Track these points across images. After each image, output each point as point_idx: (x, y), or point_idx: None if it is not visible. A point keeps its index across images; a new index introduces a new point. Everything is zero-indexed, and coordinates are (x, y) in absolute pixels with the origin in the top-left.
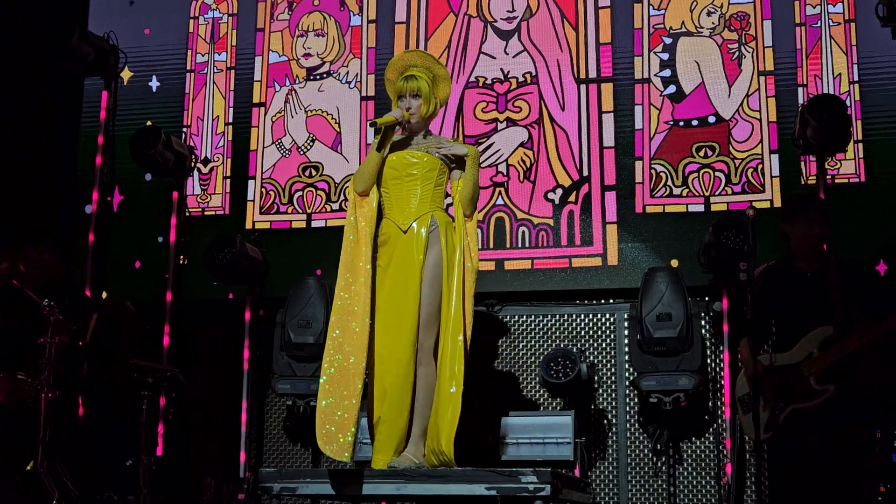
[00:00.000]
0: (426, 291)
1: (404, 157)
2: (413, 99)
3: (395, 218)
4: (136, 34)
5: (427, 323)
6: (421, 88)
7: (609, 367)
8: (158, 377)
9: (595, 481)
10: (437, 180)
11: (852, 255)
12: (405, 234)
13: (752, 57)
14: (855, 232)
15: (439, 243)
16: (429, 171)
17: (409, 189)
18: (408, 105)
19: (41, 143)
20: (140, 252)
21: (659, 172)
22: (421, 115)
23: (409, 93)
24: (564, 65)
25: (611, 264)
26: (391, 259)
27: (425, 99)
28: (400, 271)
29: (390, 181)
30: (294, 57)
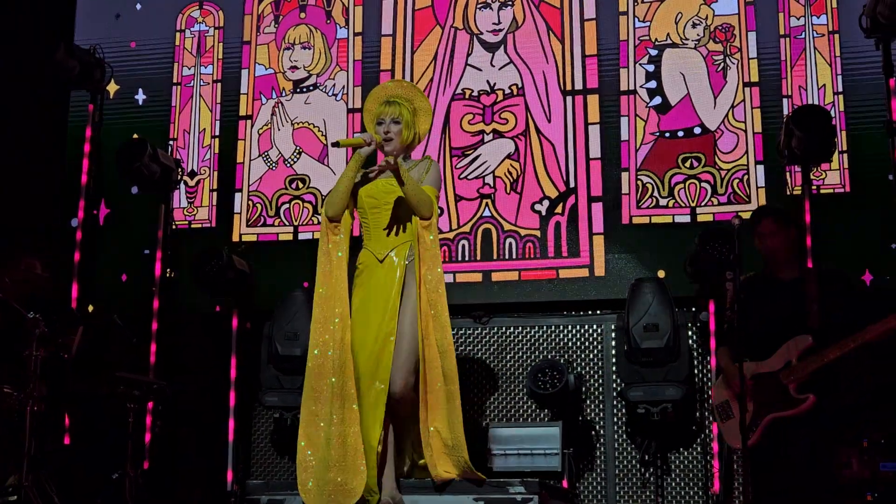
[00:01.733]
0: (406, 328)
1: (383, 186)
2: (393, 124)
3: (373, 248)
4: (122, 47)
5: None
6: (402, 115)
7: (596, 378)
8: (145, 390)
9: (583, 492)
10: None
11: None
12: (382, 264)
13: (736, 68)
14: (840, 242)
15: (415, 277)
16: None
17: (387, 218)
18: (386, 129)
19: (26, 157)
20: (126, 265)
21: (645, 183)
22: (401, 141)
23: (390, 117)
24: (550, 76)
25: (598, 275)
26: (368, 291)
27: (406, 125)
28: (377, 304)
29: (369, 210)
30: (280, 69)
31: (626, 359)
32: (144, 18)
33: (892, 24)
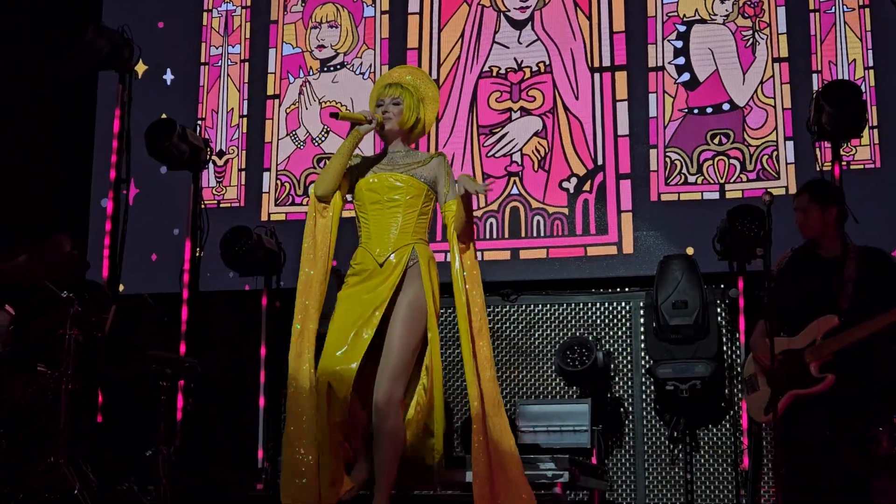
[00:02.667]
0: (400, 333)
1: (386, 179)
2: (392, 105)
3: (372, 248)
4: (150, 28)
5: (398, 371)
6: (403, 97)
7: (625, 356)
8: (176, 368)
9: (612, 469)
10: (422, 208)
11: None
12: (381, 268)
13: (766, 44)
14: (870, 218)
15: (419, 280)
16: (413, 198)
17: (389, 216)
18: (385, 109)
19: (58, 138)
20: (156, 245)
21: (674, 160)
22: (399, 123)
23: (390, 98)
24: (578, 54)
25: (626, 253)
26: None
27: (407, 107)
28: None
29: (369, 206)
30: (308, 48)
31: (654, 336)
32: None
33: None
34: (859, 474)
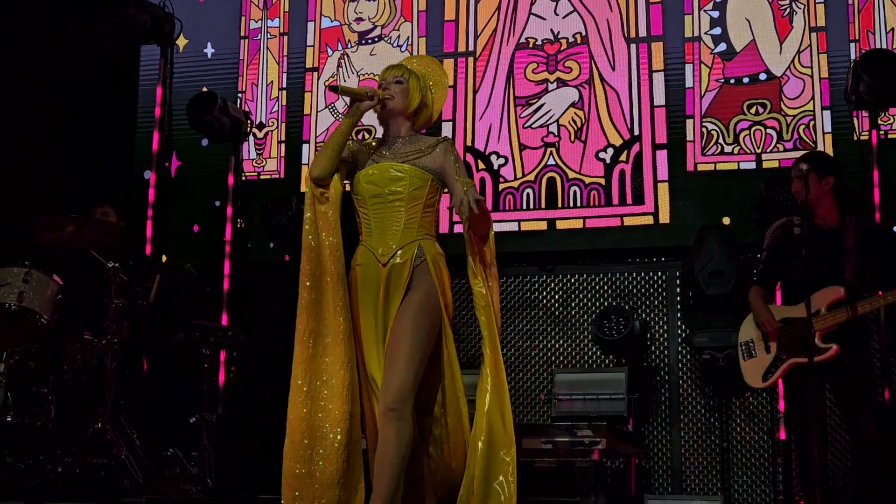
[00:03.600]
0: (409, 338)
1: (387, 171)
2: (395, 84)
3: (374, 246)
4: (191, 2)
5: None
6: (406, 77)
7: (661, 325)
8: (220, 337)
9: (648, 437)
10: (427, 200)
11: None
12: (385, 268)
13: (802, 13)
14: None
15: (430, 278)
16: (417, 190)
17: (392, 211)
18: (386, 88)
19: (101, 111)
20: (197, 216)
21: (710, 130)
22: (403, 105)
23: (393, 77)
24: (614, 24)
25: (662, 223)
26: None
27: (412, 88)
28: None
29: (370, 199)
30: (346, 21)
31: (691, 305)
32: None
33: None
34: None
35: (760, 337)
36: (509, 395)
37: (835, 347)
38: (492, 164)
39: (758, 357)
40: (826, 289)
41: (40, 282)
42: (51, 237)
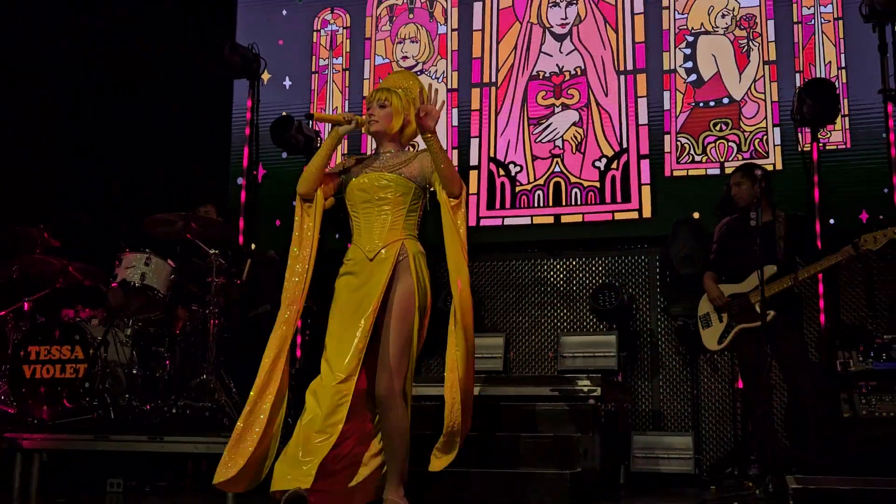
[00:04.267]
0: (394, 329)
1: (376, 179)
2: (378, 108)
3: (363, 244)
4: (273, 45)
5: (398, 365)
6: (391, 100)
7: (644, 298)
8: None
9: (634, 386)
10: (411, 205)
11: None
12: (371, 262)
13: (758, 50)
14: (842, 188)
15: (409, 273)
16: (402, 196)
17: (379, 214)
18: (371, 113)
19: (204, 131)
20: (279, 213)
21: (683, 144)
22: (387, 127)
23: (377, 102)
24: (607, 60)
25: (645, 217)
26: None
27: (395, 111)
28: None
29: (360, 205)
30: (394, 59)
31: (668, 282)
32: (289, 21)
33: (887, 11)
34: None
35: (713, 310)
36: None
37: (772, 313)
38: (510, 171)
39: (713, 326)
40: (763, 267)
41: (158, 265)
42: (164, 230)
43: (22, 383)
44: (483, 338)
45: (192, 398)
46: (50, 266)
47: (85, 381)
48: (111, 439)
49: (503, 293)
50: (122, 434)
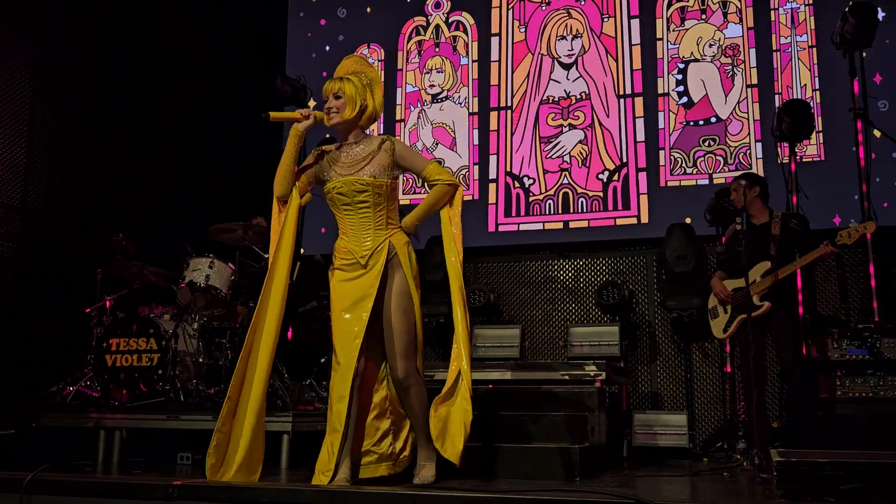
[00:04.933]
0: (397, 320)
1: (353, 184)
2: (334, 99)
3: (353, 247)
4: (318, 76)
5: (408, 350)
6: (344, 89)
7: (643, 293)
8: None
9: (635, 370)
10: (389, 199)
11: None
12: (365, 268)
13: (742, 75)
14: (817, 196)
15: (401, 269)
16: (379, 196)
17: (362, 217)
18: (328, 105)
19: (255, 154)
20: (324, 222)
21: (676, 158)
22: (344, 116)
23: (331, 93)
24: (609, 85)
25: (643, 222)
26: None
27: (349, 100)
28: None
29: (341, 207)
30: (423, 87)
31: (664, 279)
32: (331, 56)
33: (855, 39)
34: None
35: (719, 303)
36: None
37: (767, 304)
38: (524, 183)
39: (719, 317)
40: (758, 264)
41: (220, 267)
42: (225, 237)
43: (104, 371)
44: (501, 329)
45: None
46: (129, 269)
47: (158, 368)
48: (181, 419)
49: (519, 290)
50: (190, 414)
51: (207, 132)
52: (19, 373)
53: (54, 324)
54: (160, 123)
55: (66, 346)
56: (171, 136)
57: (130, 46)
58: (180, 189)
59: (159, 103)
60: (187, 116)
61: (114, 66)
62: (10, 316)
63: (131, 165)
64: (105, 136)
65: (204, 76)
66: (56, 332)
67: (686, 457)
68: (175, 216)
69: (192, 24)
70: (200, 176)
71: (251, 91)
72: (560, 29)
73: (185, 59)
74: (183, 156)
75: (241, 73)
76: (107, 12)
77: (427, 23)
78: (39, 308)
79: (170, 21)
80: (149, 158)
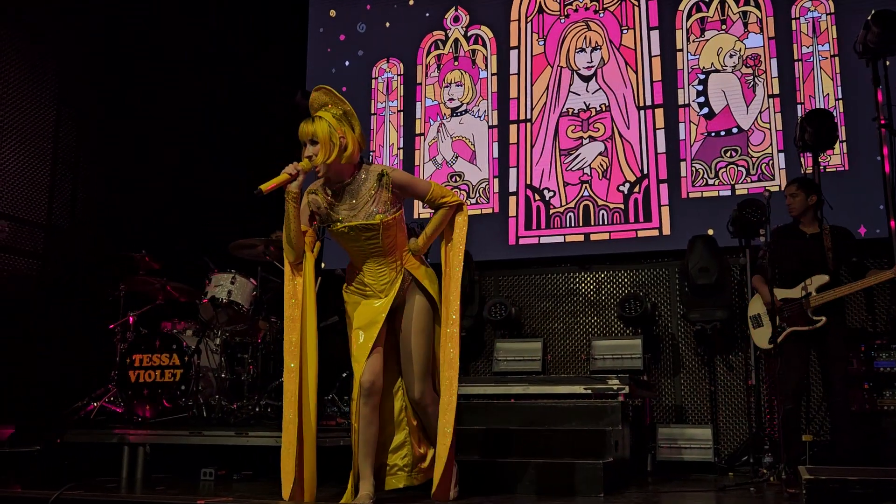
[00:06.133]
0: (415, 342)
1: (360, 230)
2: (311, 145)
3: (370, 281)
4: (338, 90)
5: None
6: (316, 132)
7: (666, 306)
8: None
9: (658, 384)
10: (397, 228)
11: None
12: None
13: (763, 85)
14: (842, 206)
15: (418, 292)
16: (386, 231)
17: (374, 255)
18: (307, 153)
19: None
20: None
21: (698, 169)
22: (325, 158)
23: (308, 139)
24: (629, 97)
25: (665, 234)
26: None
27: (323, 144)
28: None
29: (349, 244)
30: (442, 101)
31: (686, 292)
32: (351, 71)
33: (878, 48)
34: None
35: (766, 312)
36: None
37: (823, 318)
38: (545, 196)
39: (764, 326)
40: (815, 276)
41: (242, 283)
42: (247, 253)
43: (128, 386)
44: (523, 342)
45: (272, 398)
46: (151, 286)
47: (181, 384)
48: (204, 434)
49: (540, 303)
50: (213, 430)
51: (207, 132)
52: (44, 389)
53: (78, 340)
54: (160, 123)
55: (90, 362)
56: (171, 136)
57: (130, 46)
58: (180, 189)
59: (159, 103)
60: (187, 116)
61: (114, 66)
62: (34, 332)
63: (131, 165)
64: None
65: (204, 76)
66: (80, 349)
67: (711, 471)
68: (175, 216)
69: (192, 24)
70: (200, 176)
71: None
72: (579, 41)
73: (185, 59)
74: (183, 156)
75: (241, 73)
76: (107, 12)
77: (446, 37)
78: (63, 324)
79: (170, 21)
80: (148, 158)
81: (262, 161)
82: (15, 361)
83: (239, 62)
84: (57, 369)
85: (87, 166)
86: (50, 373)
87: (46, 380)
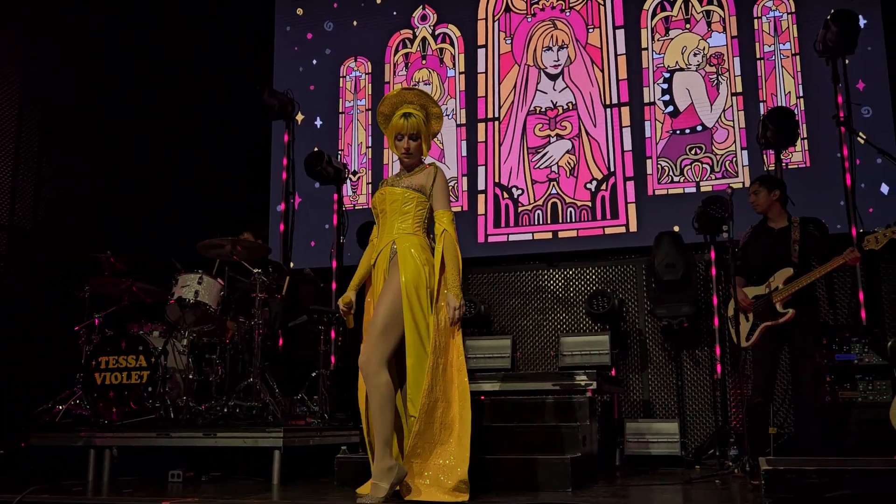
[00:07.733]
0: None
1: (389, 193)
2: (411, 140)
3: (380, 240)
4: (305, 90)
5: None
6: (419, 128)
7: (633, 302)
8: (330, 317)
9: (626, 379)
10: (417, 210)
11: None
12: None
13: (726, 83)
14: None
15: (397, 268)
16: (404, 205)
17: (387, 221)
18: (406, 146)
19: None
20: (314, 235)
21: (663, 167)
22: (418, 159)
23: (408, 133)
24: (595, 95)
25: (632, 231)
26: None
27: (425, 139)
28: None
29: (379, 215)
30: None
31: (653, 288)
32: (319, 69)
33: (837, 46)
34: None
35: (740, 311)
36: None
37: (791, 311)
38: (513, 194)
39: (740, 325)
40: (780, 270)
41: (209, 283)
42: (214, 252)
43: (94, 389)
44: (493, 340)
45: (240, 399)
46: (117, 286)
47: (148, 385)
48: (171, 436)
49: (509, 300)
50: (181, 431)
51: (207, 132)
52: (7, 392)
53: (43, 342)
54: (159, 123)
55: (55, 364)
56: (171, 136)
57: (130, 46)
58: (180, 189)
59: (159, 103)
60: (187, 116)
61: (114, 66)
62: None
63: (130, 165)
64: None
65: (204, 76)
66: (45, 351)
67: (679, 465)
68: (175, 216)
69: (192, 24)
70: (200, 176)
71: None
72: (546, 40)
73: (185, 59)
74: (183, 156)
75: (242, 73)
76: (107, 12)
77: (413, 35)
78: (27, 326)
79: (170, 21)
80: (148, 158)
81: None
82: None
83: (239, 62)
84: (21, 372)
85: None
86: (13, 377)
87: (10, 383)
